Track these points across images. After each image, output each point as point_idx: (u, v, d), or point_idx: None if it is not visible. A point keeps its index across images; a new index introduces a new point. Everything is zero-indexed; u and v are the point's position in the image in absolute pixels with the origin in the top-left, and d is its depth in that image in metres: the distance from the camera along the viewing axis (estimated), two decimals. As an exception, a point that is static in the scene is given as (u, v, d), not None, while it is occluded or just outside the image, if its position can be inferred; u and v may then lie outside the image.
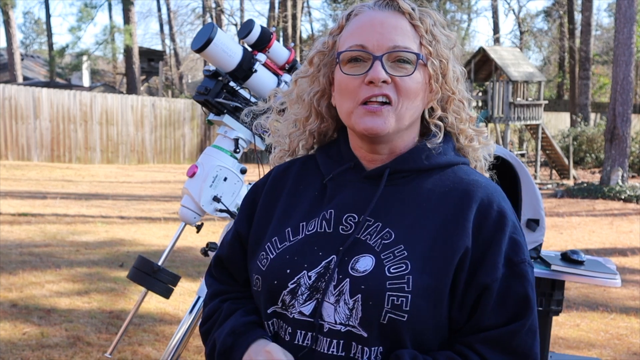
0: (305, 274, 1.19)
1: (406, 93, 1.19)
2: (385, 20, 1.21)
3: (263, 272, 1.23)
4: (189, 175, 2.06)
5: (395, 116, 1.19)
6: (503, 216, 1.19)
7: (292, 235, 1.24)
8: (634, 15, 13.90)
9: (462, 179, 1.24)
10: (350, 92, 1.20)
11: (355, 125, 1.20)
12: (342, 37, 1.25)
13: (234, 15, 29.29)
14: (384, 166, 1.24)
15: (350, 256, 1.18)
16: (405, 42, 1.20)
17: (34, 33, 50.96)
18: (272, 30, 2.13)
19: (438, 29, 1.26)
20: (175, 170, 17.83)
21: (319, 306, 1.16)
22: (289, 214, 1.27)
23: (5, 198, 10.50)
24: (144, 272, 2.00)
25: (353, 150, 1.28)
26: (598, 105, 28.28)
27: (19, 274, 5.80)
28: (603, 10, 61.39)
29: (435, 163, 1.24)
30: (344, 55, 1.21)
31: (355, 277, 1.15)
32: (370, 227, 1.20)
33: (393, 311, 1.12)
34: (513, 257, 1.17)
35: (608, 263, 2.45)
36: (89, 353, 3.99)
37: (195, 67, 39.39)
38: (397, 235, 1.18)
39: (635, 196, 12.97)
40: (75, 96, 18.24)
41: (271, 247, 1.24)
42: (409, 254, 1.15)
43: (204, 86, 2.08)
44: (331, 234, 1.21)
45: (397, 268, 1.14)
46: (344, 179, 1.26)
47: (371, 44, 1.19)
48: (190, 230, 2.15)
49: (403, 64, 1.19)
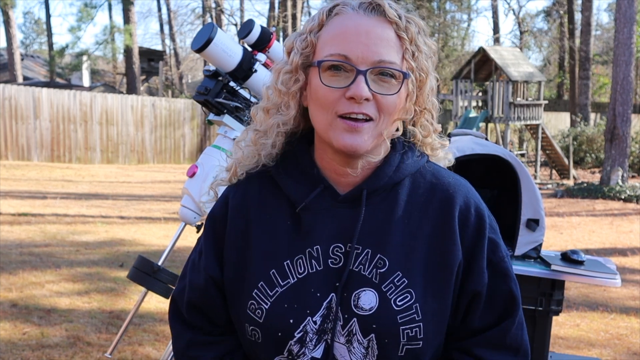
0: (310, 320, 1.14)
1: (387, 110, 1.13)
2: (372, 30, 1.12)
3: (261, 325, 1.16)
4: (189, 175, 2.06)
5: (375, 133, 1.13)
6: (481, 219, 1.20)
7: (281, 279, 1.16)
8: (634, 15, 13.90)
9: (433, 182, 1.21)
10: (329, 104, 1.12)
11: (334, 140, 1.13)
12: (322, 37, 1.16)
13: (234, 15, 29.28)
14: (359, 187, 1.18)
15: (349, 292, 1.14)
16: (390, 56, 1.12)
17: (34, 33, 50.99)
18: (272, 30, 2.13)
19: (422, 37, 1.18)
20: (175, 170, 17.83)
21: (329, 348, 1.14)
22: (268, 252, 1.19)
23: (5, 198, 10.50)
24: (144, 272, 2.00)
25: (318, 162, 1.20)
26: (598, 105, 28.27)
27: (19, 274, 5.81)
28: (603, 10, 61.49)
29: (406, 173, 1.20)
30: (325, 64, 1.12)
31: (363, 316, 1.13)
32: (361, 256, 1.15)
33: (409, 342, 1.13)
34: (493, 258, 1.20)
35: (608, 263, 2.45)
36: (89, 353, 3.99)
37: (195, 67, 39.39)
38: (390, 261, 1.15)
39: (635, 196, 12.97)
40: (75, 96, 18.24)
41: (261, 294, 1.17)
42: (409, 281, 1.14)
43: (204, 86, 2.08)
44: (322, 271, 1.16)
45: (403, 299, 1.13)
46: (318, 207, 1.18)
47: (355, 56, 1.10)
48: (190, 230, 2.15)
49: (387, 78, 1.12)
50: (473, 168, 2.45)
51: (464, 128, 10.41)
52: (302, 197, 1.18)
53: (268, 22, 29.24)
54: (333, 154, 1.17)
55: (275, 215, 1.21)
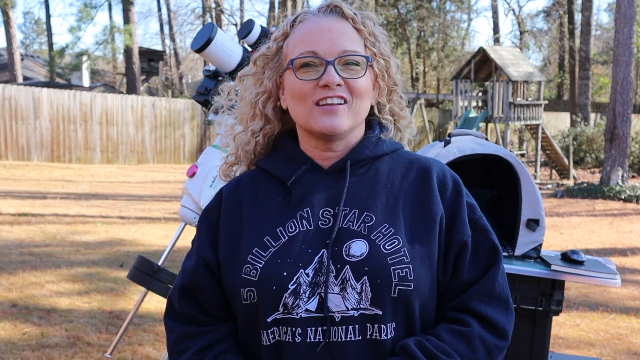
0: (303, 272, 1.21)
1: (359, 92, 1.26)
2: (333, 26, 1.27)
3: (256, 282, 1.22)
4: (189, 175, 2.06)
5: (351, 114, 1.26)
6: (457, 183, 1.32)
7: (274, 241, 1.25)
8: (634, 15, 13.90)
9: (411, 159, 1.35)
10: (305, 95, 1.25)
11: (314, 125, 1.25)
12: (290, 43, 1.30)
13: (234, 15, 29.28)
14: (343, 160, 1.30)
15: (340, 245, 1.22)
16: (352, 46, 1.27)
17: (34, 33, 50.98)
18: (272, 31, 2.12)
19: (377, 28, 1.33)
20: (175, 170, 17.83)
21: (323, 300, 1.19)
22: (260, 225, 1.28)
23: (5, 198, 10.50)
24: (144, 272, 2.00)
25: (305, 152, 1.32)
26: (598, 105, 28.28)
27: (19, 274, 5.81)
28: (603, 10, 61.47)
29: (385, 150, 1.33)
30: (297, 61, 1.26)
31: (355, 262, 1.21)
32: (349, 215, 1.25)
33: (401, 283, 1.20)
34: (472, 217, 1.31)
35: (608, 263, 2.45)
36: (89, 353, 3.99)
37: (195, 67, 39.39)
38: (376, 216, 1.25)
39: (635, 196, 12.97)
40: (75, 96, 18.24)
41: (255, 258, 1.24)
42: (395, 230, 1.24)
43: (204, 86, 2.08)
44: (312, 230, 1.24)
45: (391, 244, 1.22)
46: (307, 180, 1.29)
47: (322, 50, 1.25)
48: (190, 230, 2.15)
49: (352, 67, 1.26)
50: (473, 168, 2.46)
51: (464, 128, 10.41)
52: (291, 174, 1.29)
53: (268, 22, 29.23)
54: (315, 142, 1.30)
55: (266, 195, 1.31)
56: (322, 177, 1.29)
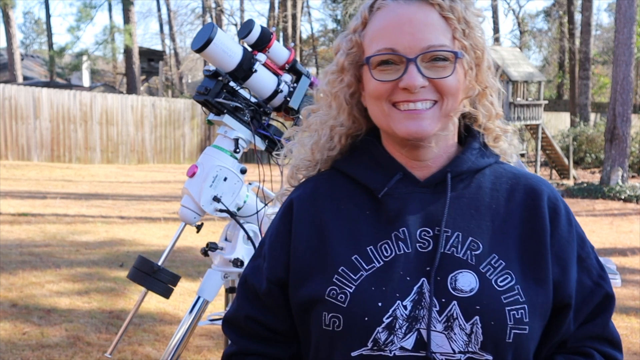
0: (400, 304, 1.04)
1: (449, 92, 1.08)
2: (414, 17, 1.07)
3: (345, 309, 1.06)
4: (189, 175, 2.06)
5: (441, 115, 1.09)
6: (568, 210, 1.15)
7: (366, 263, 1.07)
8: (634, 15, 13.90)
9: (515, 174, 1.17)
10: (383, 96, 1.09)
11: (396, 130, 1.09)
12: (367, 35, 1.12)
13: (234, 15, 29.30)
14: (443, 171, 1.12)
15: (444, 275, 1.06)
16: (439, 39, 1.07)
17: (34, 33, 51.01)
18: (272, 30, 2.12)
19: (470, 12, 1.11)
20: (175, 170, 17.83)
21: (422, 337, 1.04)
22: (347, 240, 1.11)
23: (5, 198, 10.50)
24: (144, 272, 2.00)
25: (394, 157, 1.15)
26: (598, 105, 28.30)
27: (19, 274, 5.81)
28: (603, 10, 61.47)
29: (486, 162, 1.15)
30: (373, 59, 1.09)
31: (464, 298, 1.04)
32: (451, 238, 1.08)
33: (517, 326, 1.04)
34: (582, 253, 1.14)
35: (608, 263, 2.45)
36: (89, 353, 3.99)
37: (195, 67, 39.40)
38: (483, 244, 1.08)
39: (635, 196, 12.98)
40: (75, 96, 18.24)
41: (343, 279, 1.07)
42: (506, 263, 1.07)
43: (204, 86, 2.08)
44: (410, 254, 1.07)
45: (503, 280, 1.06)
46: (400, 192, 1.12)
47: (402, 46, 1.06)
48: (190, 230, 2.15)
49: (440, 63, 1.07)
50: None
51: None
52: (382, 184, 1.12)
53: (268, 22, 29.27)
54: (400, 147, 1.13)
55: (351, 206, 1.14)
56: (417, 189, 1.12)
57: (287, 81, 2.14)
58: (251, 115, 2.08)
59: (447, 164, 1.13)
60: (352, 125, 1.19)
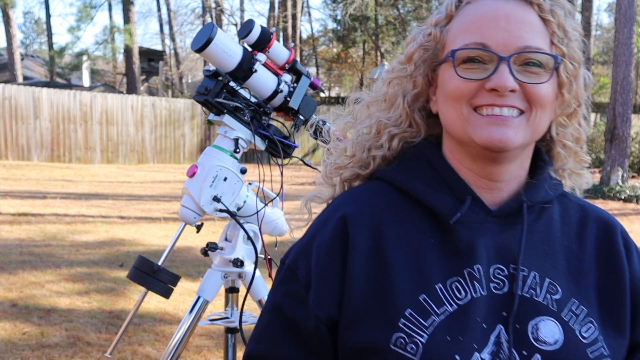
0: (478, 356, 0.91)
1: (540, 101, 0.95)
2: (512, 13, 0.95)
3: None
4: (189, 175, 2.06)
5: (528, 127, 0.95)
6: (636, 247, 1.07)
7: (436, 306, 0.93)
8: (634, 15, 13.90)
9: (582, 205, 1.07)
10: (463, 96, 0.96)
11: (475, 136, 0.94)
12: (452, 29, 1.00)
13: (234, 15, 29.30)
14: (518, 199, 0.99)
15: (523, 322, 0.93)
16: (536, 41, 0.95)
17: (34, 33, 51.02)
18: (272, 30, 2.12)
19: (570, 22, 1.00)
20: (175, 170, 17.82)
21: None
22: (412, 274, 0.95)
23: (5, 198, 10.50)
24: (144, 272, 2.00)
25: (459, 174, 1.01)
26: (598, 105, 28.29)
27: (19, 274, 5.81)
28: (603, 10, 61.42)
29: (558, 192, 1.04)
30: (460, 53, 0.95)
31: (549, 352, 0.93)
32: (528, 279, 0.96)
33: None
34: None
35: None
36: (89, 353, 3.99)
37: (195, 67, 39.41)
38: (562, 286, 0.97)
39: (635, 196, 12.97)
40: (75, 96, 18.24)
41: (412, 325, 0.92)
42: (588, 310, 0.97)
43: (204, 86, 2.08)
44: (487, 296, 0.94)
45: (587, 330, 0.96)
46: (470, 220, 0.97)
47: (495, 43, 0.94)
48: (190, 230, 2.15)
49: (534, 68, 0.94)
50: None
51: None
52: (451, 209, 0.97)
53: (268, 22, 29.27)
54: (472, 161, 0.99)
55: (413, 230, 0.98)
56: (488, 218, 0.98)
57: (287, 81, 2.14)
58: (251, 115, 2.09)
59: (517, 190, 1.00)
60: (408, 129, 1.06)
